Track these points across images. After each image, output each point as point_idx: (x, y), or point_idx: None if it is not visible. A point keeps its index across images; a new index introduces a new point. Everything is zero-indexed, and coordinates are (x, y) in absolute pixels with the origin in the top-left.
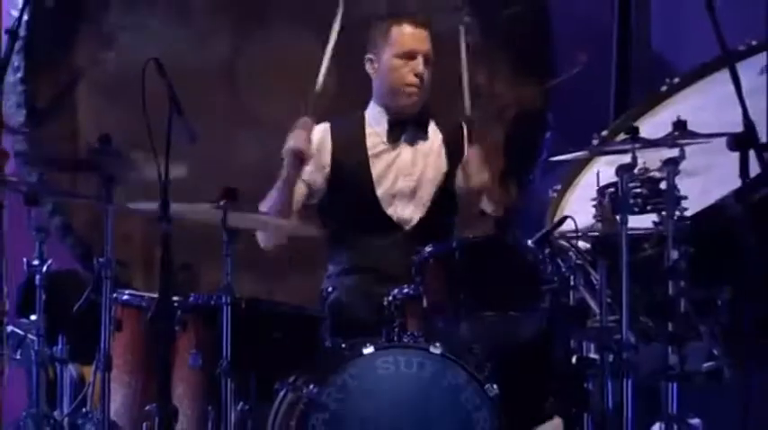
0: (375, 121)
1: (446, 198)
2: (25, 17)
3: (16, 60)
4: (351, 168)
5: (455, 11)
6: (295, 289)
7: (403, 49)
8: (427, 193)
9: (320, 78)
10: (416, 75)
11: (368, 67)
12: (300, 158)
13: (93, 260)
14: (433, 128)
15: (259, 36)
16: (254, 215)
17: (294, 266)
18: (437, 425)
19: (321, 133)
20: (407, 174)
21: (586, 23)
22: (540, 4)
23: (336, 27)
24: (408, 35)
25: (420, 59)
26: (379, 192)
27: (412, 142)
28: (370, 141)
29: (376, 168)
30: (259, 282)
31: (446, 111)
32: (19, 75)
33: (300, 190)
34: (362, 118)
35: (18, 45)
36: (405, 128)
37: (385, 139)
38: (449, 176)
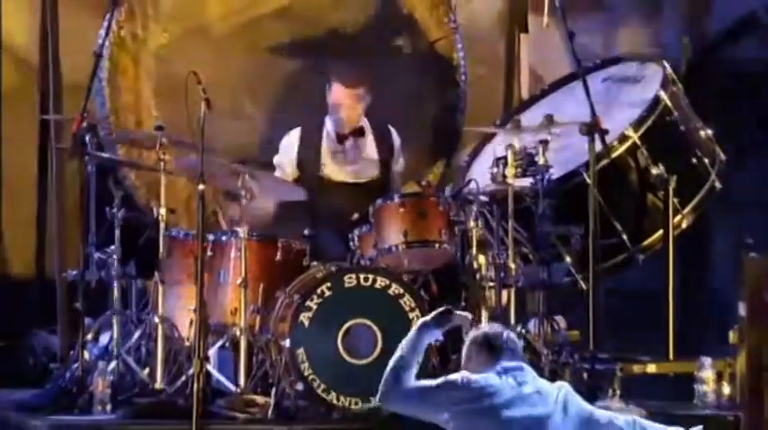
0: (330, 126)
1: (380, 168)
2: (107, 43)
3: (101, 72)
4: (311, 156)
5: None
6: (288, 230)
7: (333, 102)
8: (367, 166)
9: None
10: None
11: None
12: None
13: (152, 208)
14: (368, 131)
15: (269, 60)
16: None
17: (287, 217)
18: (386, 320)
19: (294, 135)
20: (353, 159)
21: (484, 48)
22: (454, 37)
23: None
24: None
25: (343, 113)
26: (328, 170)
27: (353, 142)
28: (324, 141)
29: (325, 158)
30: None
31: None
32: (103, 83)
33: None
34: (321, 124)
35: (101, 62)
36: (348, 135)
37: (335, 139)
38: (380, 162)
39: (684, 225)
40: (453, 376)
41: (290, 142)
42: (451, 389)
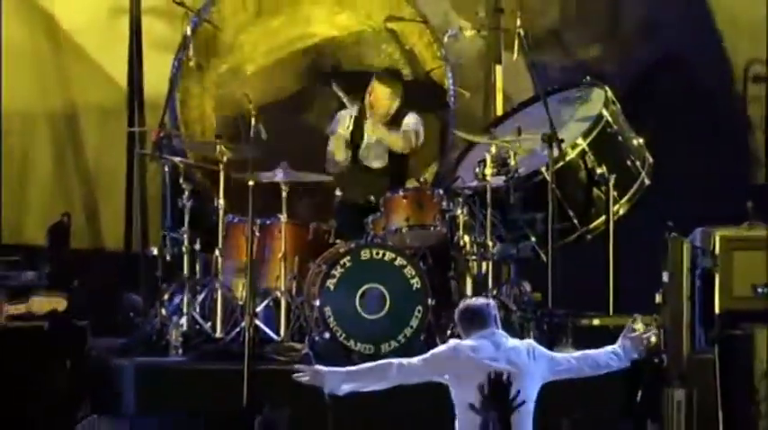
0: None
1: (392, 160)
2: (179, 72)
3: (174, 94)
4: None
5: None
6: (317, 214)
7: (372, 98)
8: (383, 156)
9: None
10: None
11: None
12: None
13: (214, 199)
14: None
15: (305, 84)
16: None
17: (317, 204)
18: (392, 285)
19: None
20: (376, 146)
21: (468, 76)
22: (445, 67)
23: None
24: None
25: (380, 106)
26: (362, 155)
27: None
28: (366, 130)
29: (362, 144)
30: (302, 212)
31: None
32: (176, 103)
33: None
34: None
35: (175, 86)
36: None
37: (366, 131)
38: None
39: (622, 212)
40: (446, 344)
41: (344, 118)
42: (447, 351)
